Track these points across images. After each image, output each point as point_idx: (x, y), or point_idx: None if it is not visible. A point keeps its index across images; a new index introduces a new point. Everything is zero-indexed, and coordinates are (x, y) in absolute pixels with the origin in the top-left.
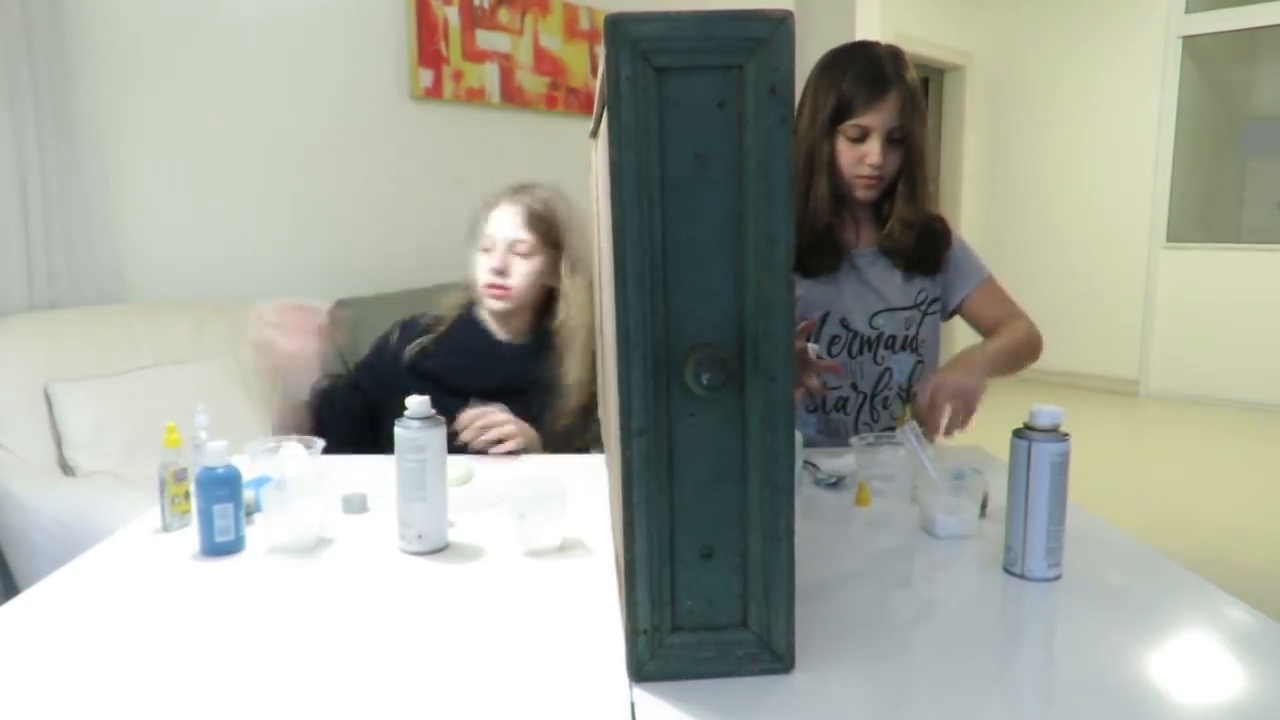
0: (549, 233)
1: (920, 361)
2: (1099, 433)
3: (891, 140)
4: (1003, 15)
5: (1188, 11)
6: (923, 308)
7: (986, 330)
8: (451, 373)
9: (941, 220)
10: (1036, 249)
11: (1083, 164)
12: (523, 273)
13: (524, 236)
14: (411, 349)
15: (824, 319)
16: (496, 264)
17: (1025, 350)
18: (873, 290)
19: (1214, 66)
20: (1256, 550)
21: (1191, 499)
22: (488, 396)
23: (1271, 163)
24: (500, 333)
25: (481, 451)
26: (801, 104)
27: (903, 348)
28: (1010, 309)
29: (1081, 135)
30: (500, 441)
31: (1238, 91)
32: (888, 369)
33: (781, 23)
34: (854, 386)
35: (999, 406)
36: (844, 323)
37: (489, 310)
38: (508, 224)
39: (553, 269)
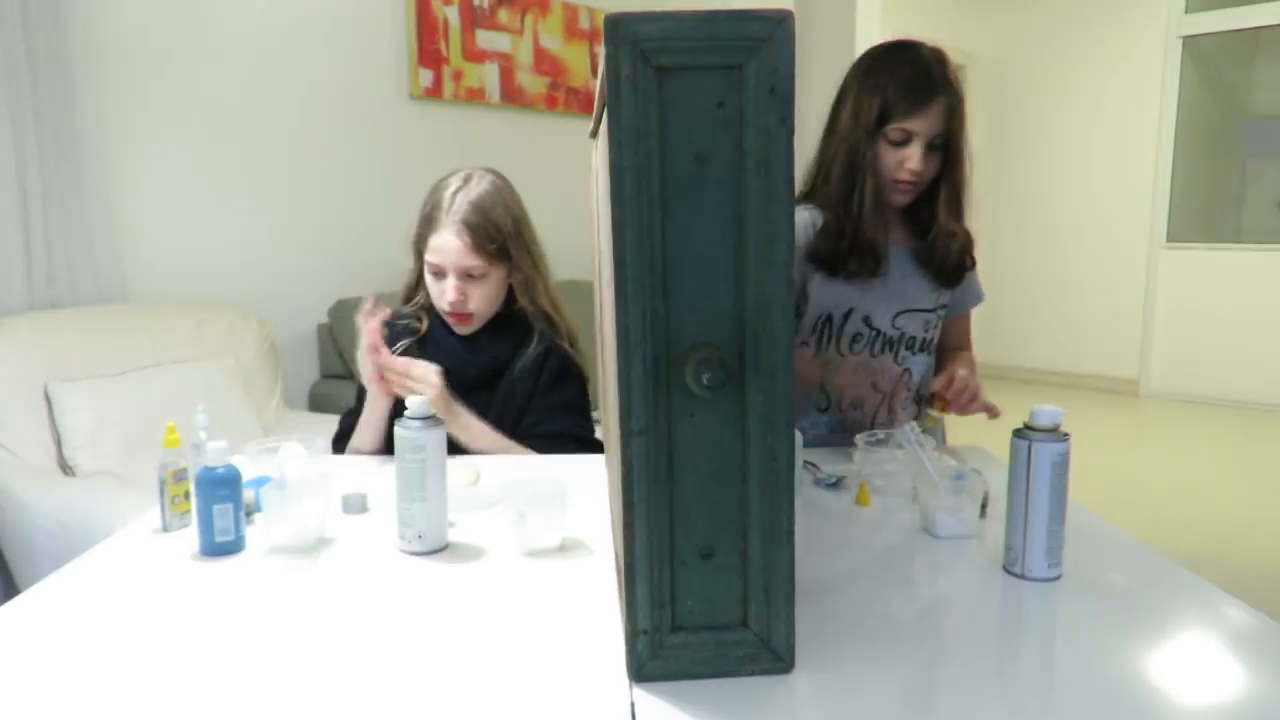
0: (499, 250)
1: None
2: (1099, 433)
3: (933, 146)
4: (1003, 15)
5: (1188, 11)
6: (939, 312)
7: (943, 348)
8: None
9: (970, 238)
10: (1037, 249)
11: (1083, 164)
12: (481, 296)
13: (475, 263)
14: (399, 351)
15: (846, 315)
16: (454, 295)
17: None
18: (897, 290)
19: (1214, 66)
20: (1256, 550)
21: (1191, 499)
22: (475, 387)
23: (1271, 163)
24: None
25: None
26: (841, 103)
27: (921, 349)
28: (969, 339)
29: (1081, 135)
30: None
31: (1238, 91)
32: (907, 370)
33: (781, 23)
34: (873, 386)
35: (999, 407)
36: (867, 320)
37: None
38: (456, 253)
39: (507, 276)
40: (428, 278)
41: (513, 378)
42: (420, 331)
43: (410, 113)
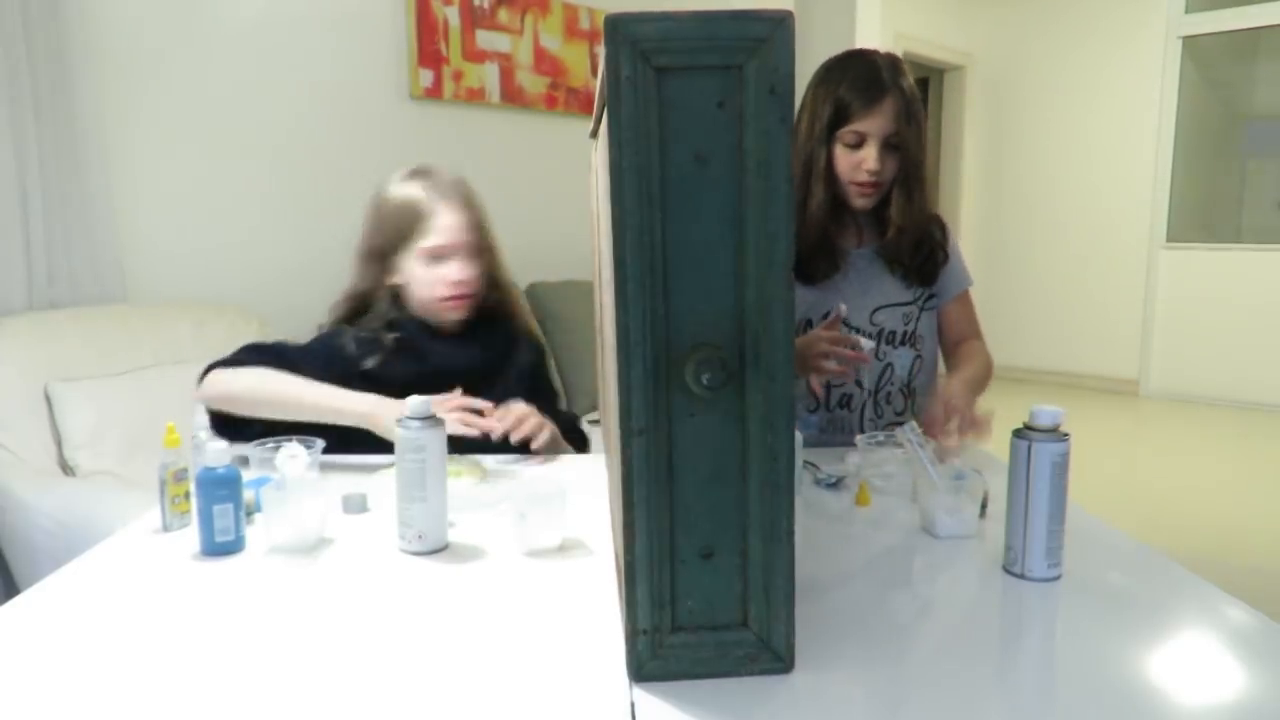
0: (483, 227)
1: (919, 357)
2: (1099, 433)
3: (888, 146)
4: (1003, 15)
5: (1188, 11)
6: (920, 303)
7: (949, 340)
8: (418, 382)
9: (940, 224)
10: (1037, 249)
11: (1083, 164)
12: (476, 276)
13: (475, 239)
14: (373, 363)
15: (824, 317)
16: (459, 274)
17: (987, 377)
18: (871, 287)
19: (1214, 66)
20: (1256, 550)
21: (1191, 499)
22: (468, 386)
23: (1271, 163)
24: (445, 327)
25: (509, 448)
26: (800, 113)
27: (903, 343)
28: (975, 327)
29: (1081, 135)
30: (529, 439)
31: (1238, 91)
32: (889, 365)
33: (781, 23)
34: (858, 383)
35: (999, 406)
36: (845, 320)
37: (447, 319)
38: (464, 229)
39: (486, 259)
40: (418, 270)
41: (509, 383)
42: (387, 345)
43: (410, 113)
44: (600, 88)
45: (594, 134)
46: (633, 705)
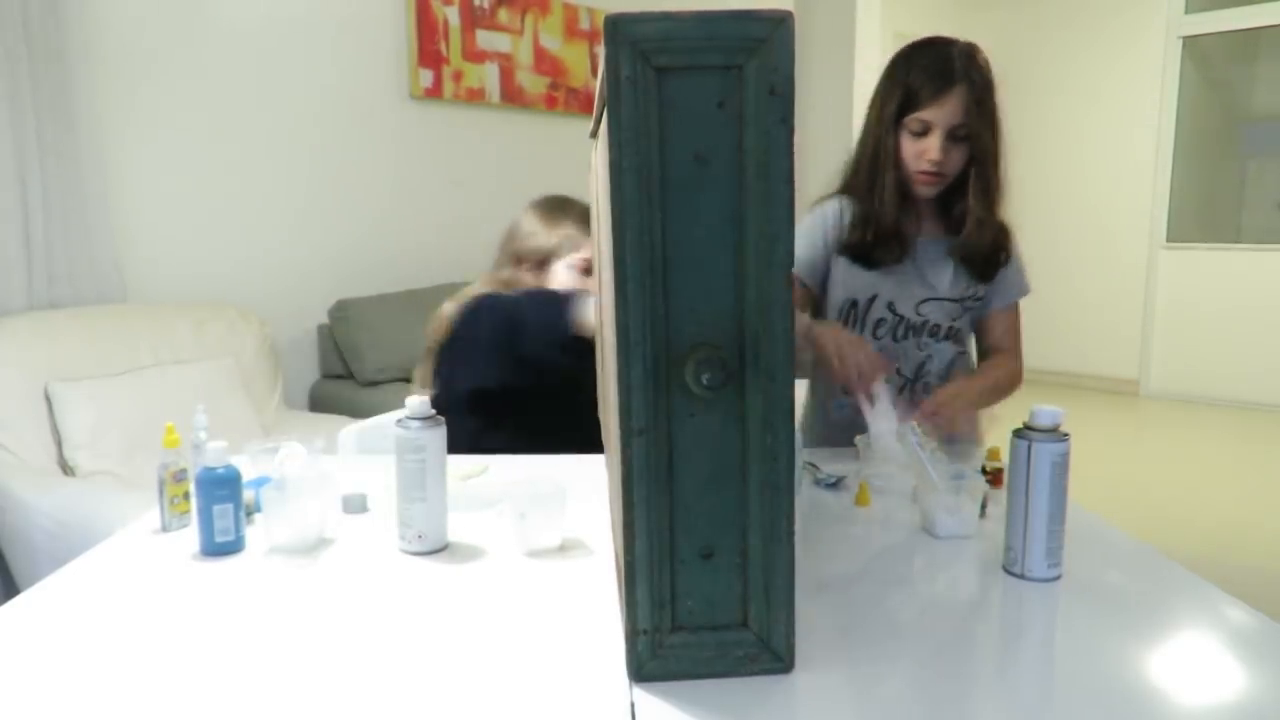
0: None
1: (962, 352)
2: (1099, 433)
3: (955, 138)
4: (1003, 16)
5: (1188, 11)
6: (966, 303)
7: (985, 347)
8: (566, 379)
9: (1007, 232)
10: (1037, 249)
11: (1083, 164)
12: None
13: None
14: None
15: (871, 301)
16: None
17: (1009, 389)
18: (922, 279)
19: (1214, 66)
20: (1256, 550)
21: (1191, 499)
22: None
23: (1271, 163)
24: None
25: None
26: (873, 98)
27: (945, 337)
28: (1015, 341)
29: (1081, 135)
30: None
31: (1238, 91)
32: (929, 355)
33: (781, 23)
34: (897, 371)
35: (999, 406)
36: (891, 307)
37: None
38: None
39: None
40: (569, 275)
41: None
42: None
43: (410, 113)
44: (600, 88)
45: (594, 134)
46: (633, 705)
